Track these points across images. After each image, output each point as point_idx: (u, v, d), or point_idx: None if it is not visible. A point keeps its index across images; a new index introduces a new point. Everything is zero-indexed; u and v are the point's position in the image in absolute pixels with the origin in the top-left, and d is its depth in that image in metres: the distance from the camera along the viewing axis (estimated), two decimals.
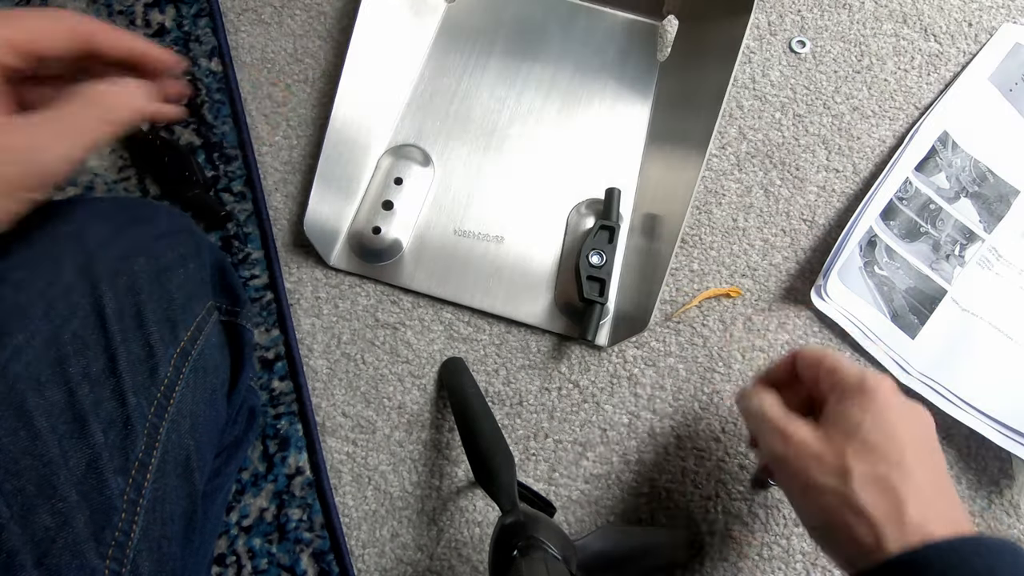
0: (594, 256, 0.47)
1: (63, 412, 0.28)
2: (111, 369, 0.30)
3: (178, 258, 0.35)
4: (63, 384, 0.28)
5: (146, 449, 0.30)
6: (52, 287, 0.29)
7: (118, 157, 0.53)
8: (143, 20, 0.57)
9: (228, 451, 0.41)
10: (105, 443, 0.29)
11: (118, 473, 0.29)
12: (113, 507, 0.28)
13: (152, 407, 0.31)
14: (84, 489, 0.27)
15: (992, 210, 0.51)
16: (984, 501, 0.45)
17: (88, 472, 0.28)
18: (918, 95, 0.55)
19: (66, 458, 0.27)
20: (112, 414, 0.29)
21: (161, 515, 0.30)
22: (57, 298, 0.29)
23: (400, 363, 0.48)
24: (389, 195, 0.51)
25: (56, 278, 0.29)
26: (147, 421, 0.30)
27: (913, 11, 0.57)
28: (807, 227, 0.51)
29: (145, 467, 0.30)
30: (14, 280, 0.28)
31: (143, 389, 0.31)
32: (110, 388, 0.30)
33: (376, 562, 0.44)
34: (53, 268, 0.30)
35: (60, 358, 0.28)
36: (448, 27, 0.57)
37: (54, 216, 0.32)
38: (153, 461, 0.30)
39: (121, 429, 0.29)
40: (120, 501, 0.28)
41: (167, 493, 0.31)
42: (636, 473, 0.46)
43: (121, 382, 0.30)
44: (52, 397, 0.28)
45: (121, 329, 0.31)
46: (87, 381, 0.29)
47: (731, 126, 0.54)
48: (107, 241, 0.32)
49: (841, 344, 0.48)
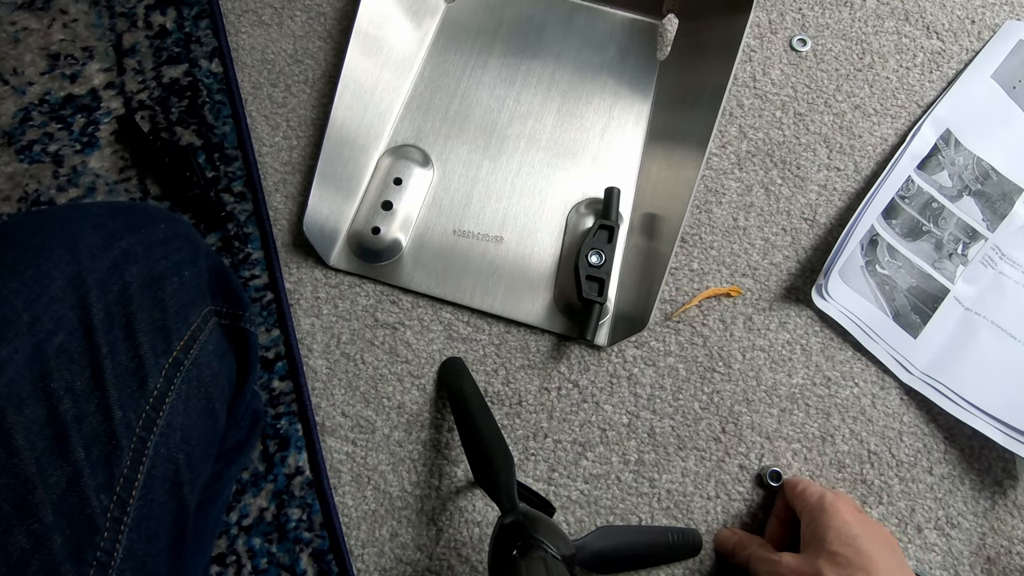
0: (593, 256, 0.47)
1: (43, 428, 0.27)
2: (96, 382, 0.29)
3: (172, 266, 0.34)
4: (44, 400, 0.27)
5: (132, 464, 0.29)
6: (39, 300, 0.29)
7: (119, 158, 0.53)
8: (144, 22, 0.57)
9: (230, 455, 0.40)
10: (87, 459, 0.28)
11: (101, 490, 0.28)
12: (95, 526, 0.27)
13: (140, 420, 0.30)
14: (64, 508, 0.27)
15: (995, 208, 0.51)
16: (988, 502, 0.44)
17: (69, 490, 0.27)
18: (920, 93, 0.55)
19: (45, 476, 0.27)
20: (96, 429, 0.29)
21: (147, 532, 0.29)
22: (43, 311, 0.29)
23: (399, 363, 0.48)
24: (388, 195, 0.51)
25: (43, 290, 0.29)
26: (134, 435, 0.30)
27: (915, 8, 0.57)
28: (808, 226, 0.51)
29: (131, 483, 0.29)
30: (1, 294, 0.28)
31: (130, 402, 0.30)
32: (95, 402, 0.29)
33: (375, 562, 0.44)
34: (41, 280, 0.29)
35: (43, 373, 0.28)
36: (448, 27, 0.57)
37: (49, 225, 0.31)
38: (139, 476, 0.29)
39: (105, 444, 0.29)
40: (102, 519, 0.28)
41: (154, 509, 0.30)
42: (636, 473, 0.45)
43: (107, 395, 0.29)
44: (32, 414, 0.27)
45: (109, 341, 0.30)
46: (70, 395, 0.28)
47: (731, 125, 0.54)
48: (99, 251, 0.31)
49: (842, 344, 0.48)
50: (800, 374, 0.47)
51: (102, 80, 0.55)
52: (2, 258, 0.29)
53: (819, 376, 0.47)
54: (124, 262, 0.32)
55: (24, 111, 0.54)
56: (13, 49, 0.56)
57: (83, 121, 0.54)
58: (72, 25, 0.57)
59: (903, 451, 0.46)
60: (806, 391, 0.47)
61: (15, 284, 0.28)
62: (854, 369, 0.47)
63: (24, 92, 0.55)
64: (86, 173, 0.53)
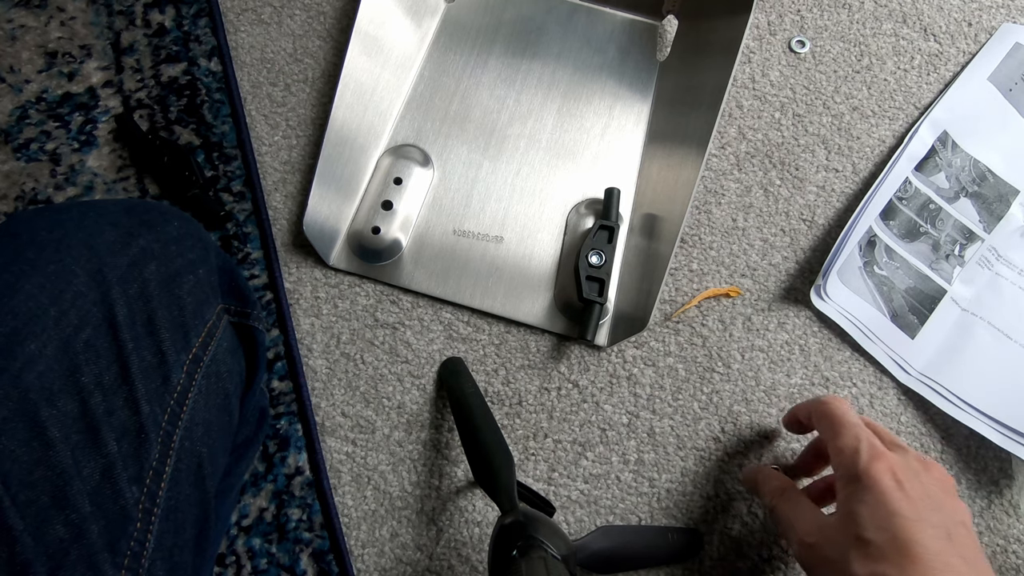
0: (593, 256, 0.47)
1: (76, 422, 0.28)
2: (124, 377, 0.30)
3: (187, 263, 0.35)
4: (76, 394, 0.28)
5: (160, 457, 0.30)
6: (63, 295, 0.29)
7: (117, 157, 0.53)
8: (143, 20, 0.57)
9: (239, 451, 0.41)
10: (119, 452, 0.28)
11: (132, 482, 0.29)
12: (128, 516, 0.28)
13: (165, 415, 0.31)
14: (98, 499, 0.27)
15: (992, 210, 0.51)
16: (984, 501, 0.45)
17: (103, 482, 0.28)
18: (918, 95, 0.55)
19: (79, 468, 0.27)
20: (125, 423, 0.29)
21: (175, 523, 0.30)
22: (68, 306, 0.29)
23: (399, 363, 0.48)
24: (388, 195, 0.51)
25: (67, 286, 0.29)
26: (161, 429, 0.30)
27: (913, 11, 0.57)
28: (806, 227, 0.51)
29: (159, 475, 0.30)
30: (26, 289, 0.28)
31: (156, 397, 0.31)
32: (123, 397, 0.29)
33: (375, 562, 0.44)
34: (64, 276, 0.29)
35: (72, 367, 0.28)
36: (448, 27, 0.57)
37: (65, 222, 0.32)
38: (167, 469, 0.30)
39: (135, 438, 0.29)
40: (135, 510, 0.28)
41: (180, 501, 0.31)
42: (636, 473, 0.46)
43: (134, 390, 0.30)
44: (65, 407, 0.27)
45: (133, 337, 0.30)
46: (100, 390, 0.29)
47: (731, 126, 0.54)
48: (118, 248, 0.32)
49: (841, 344, 0.48)
50: (799, 374, 0.48)
51: (100, 78, 0.55)
52: (22, 254, 0.29)
53: (818, 376, 0.48)
54: (142, 259, 0.32)
55: (21, 109, 0.54)
56: (10, 47, 0.56)
57: (81, 119, 0.54)
58: (70, 23, 0.57)
59: None
60: (805, 391, 0.47)
61: (39, 279, 0.29)
62: (852, 369, 0.48)
63: (21, 90, 0.54)
64: (84, 172, 0.52)
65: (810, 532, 0.33)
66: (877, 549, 0.29)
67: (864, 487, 0.31)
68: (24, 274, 0.29)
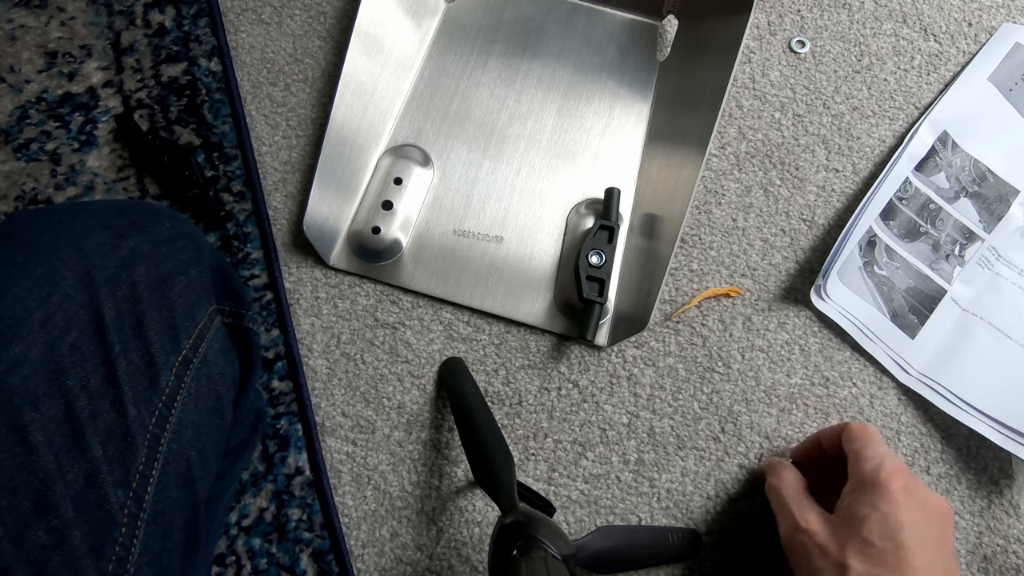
0: (593, 256, 0.47)
1: (60, 425, 0.27)
2: (110, 380, 0.29)
3: (179, 264, 0.34)
4: (60, 397, 0.28)
5: (147, 461, 0.30)
6: (50, 298, 0.29)
7: (117, 157, 0.53)
8: (143, 20, 0.57)
9: (233, 454, 0.40)
10: (104, 456, 0.28)
11: (118, 486, 0.28)
12: (113, 521, 0.28)
13: (153, 417, 0.30)
14: (82, 504, 0.27)
15: (992, 210, 0.51)
16: (984, 501, 0.45)
17: (87, 486, 0.27)
18: (918, 95, 0.55)
19: (63, 472, 0.27)
20: (111, 426, 0.29)
21: (162, 528, 0.30)
22: (55, 309, 0.29)
23: (399, 363, 0.48)
24: (389, 195, 0.51)
25: (55, 289, 0.29)
26: (148, 432, 0.30)
27: (913, 11, 0.57)
28: (807, 227, 0.51)
29: (146, 479, 0.29)
30: (12, 292, 0.28)
31: (144, 399, 0.30)
32: (109, 400, 0.29)
33: (376, 562, 0.44)
34: (52, 279, 0.29)
35: (58, 370, 0.28)
36: (448, 27, 0.57)
37: (55, 224, 0.31)
38: (154, 473, 0.30)
39: (121, 441, 0.29)
40: (120, 515, 0.28)
41: (168, 505, 0.30)
42: (636, 473, 0.46)
43: (121, 393, 0.29)
44: (49, 411, 0.27)
45: (121, 339, 0.30)
46: (85, 393, 0.28)
47: (731, 126, 0.54)
48: (107, 249, 0.32)
49: (841, 344, 0.48)
50: (799, 374, 0.48)
51: (100, 78, 0.55)
52: (11, 257, 0.29)
53: (818, 376, 0.48)
54: (132, 261, 0.32)
55: (21, 109, 0.54)
56: (10, 47, 0.56)
57: (81, 119, 0.54)
58: (70, 23, 0.57)
59: (901, 451, 0.46)
60: (805, 391, 0.47)
61: (26, 282, 0.28)
62: (852, 369, 0.48)
63: (21, 90, 0.54)
64: (84, 172, 0.52)
65: (806, 518, 0.35)
66: (878, 552, 0.31)
67: (879, 495, 0.33)
68: (12, 277, 0.28)
